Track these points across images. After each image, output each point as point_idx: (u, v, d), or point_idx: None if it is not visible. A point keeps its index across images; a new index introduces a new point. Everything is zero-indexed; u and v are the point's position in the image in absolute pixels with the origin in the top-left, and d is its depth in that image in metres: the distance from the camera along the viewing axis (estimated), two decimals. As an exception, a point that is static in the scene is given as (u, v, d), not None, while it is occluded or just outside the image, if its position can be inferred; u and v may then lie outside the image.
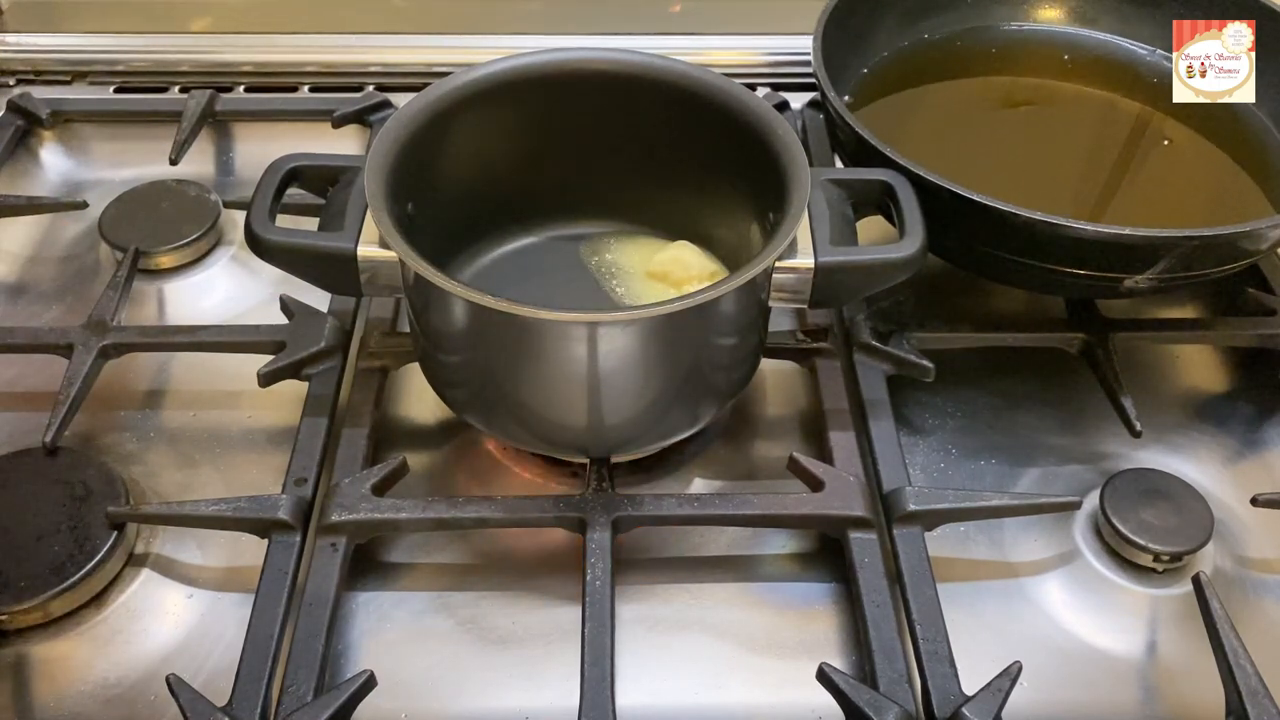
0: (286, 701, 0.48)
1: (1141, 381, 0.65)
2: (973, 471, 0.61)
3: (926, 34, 0.80)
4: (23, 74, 0.85)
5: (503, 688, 0.52)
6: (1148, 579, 0.55)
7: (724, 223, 0.64)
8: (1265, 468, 0.63)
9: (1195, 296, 0.72)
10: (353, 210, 0.54)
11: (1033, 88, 0.79)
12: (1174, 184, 0.72)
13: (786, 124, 0.56)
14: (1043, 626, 0.54)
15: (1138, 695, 0.52)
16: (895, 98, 0.76)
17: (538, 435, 0.58)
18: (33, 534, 0.54)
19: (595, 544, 0.53)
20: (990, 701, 0.48)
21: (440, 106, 0.58)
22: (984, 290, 0.71)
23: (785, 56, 0.86)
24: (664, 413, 0.56)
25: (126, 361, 0.64)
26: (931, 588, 0.52)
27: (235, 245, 0.72)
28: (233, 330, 0.65)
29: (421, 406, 0.64)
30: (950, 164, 0.60)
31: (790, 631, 0.54)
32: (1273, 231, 0.59)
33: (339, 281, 0.55)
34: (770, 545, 0.58)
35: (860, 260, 0.55)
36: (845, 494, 0.55)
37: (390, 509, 0.54)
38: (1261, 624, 0.54)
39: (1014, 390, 0.65)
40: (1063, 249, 0.59)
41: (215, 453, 0.61)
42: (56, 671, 0.52)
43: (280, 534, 0.54)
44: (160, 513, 0.56)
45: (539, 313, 0.49)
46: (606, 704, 0.48)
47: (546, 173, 0.65)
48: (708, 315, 0.52)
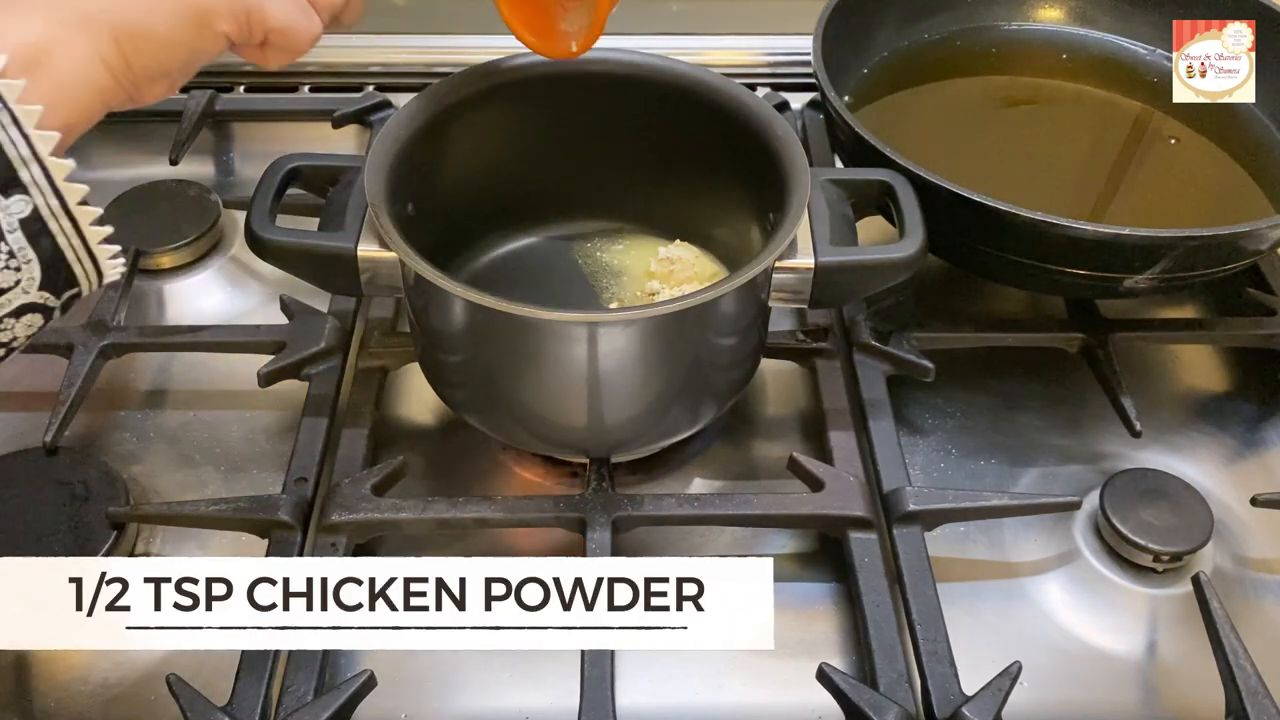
0: (286, 701, 0.48)
1: (1141, 381, 0.65)
2: (973, 471, 0.61)
3: (926, 34, 0.80)
4: (23, 74, 0.85)
5: (503, 688, 0.52)
6: (1148, 579, 0.55)
7: (724, 223, 0.64)
8: (1265, 468, 0.63)
9: (1195, 296, 0.72)
10: (353, 210, 0.54)
11: (1032, 87, 0.79)
12: (1174, 184, 0.72)
13: (786, 124, 0.57)
14: (1043, 626, 0.54)
15: (1138, 695, 0.52)
16: (895, 98, 0.76)
17: (538, 435, 0.58)
18: (33, 534, 0.54)
19: (595, 544, 0.53)
20: (990, 701, 0.48)
21: (440, 106, 0.58)
22: (984, 290, 0.71)
23: (785, 56, 0.85)
24: (664, 413, 0.56)
25: (126, 361, 0.64)
26: (931, 588, 0.52)
27: (235, 245, 0.72)
28: (233, 330, 0.65)
29: (421, 406, 0.64)
30: (950, 164, 0.60)
31: (790, 631, 0.54)
32: (1273, 231, 0.59)
33: (339, 281, 0.55)
34: (770, 545, 0.58)
35: (860, 260, 0.55)
36: (845, 494, 0.55)
37: (390, 509, 0.54)
38: (1261, 624, 0.54)
39: (1014, 390, 0.65)
40: (1063, 249, 0.59)
41: (215, 453, 0.61)
42: (56, 671, 0.52)
43: (280, 534, 0.54)
44: (160, 513, 0.56)
45: (539, 313, 0.49)
46: (606, 704, 0.48)
47: (546, 172, 0.65)
48: (708, 315, 0.52)
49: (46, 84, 0.36)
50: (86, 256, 0.39)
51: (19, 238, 0.36)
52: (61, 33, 0.37)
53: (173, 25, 0.39)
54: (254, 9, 0.41)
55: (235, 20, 0.41)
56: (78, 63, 0.37)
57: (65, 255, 0.38)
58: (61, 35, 0.37)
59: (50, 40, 0.36)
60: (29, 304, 0.38)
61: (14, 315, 0.38)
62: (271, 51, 0.43)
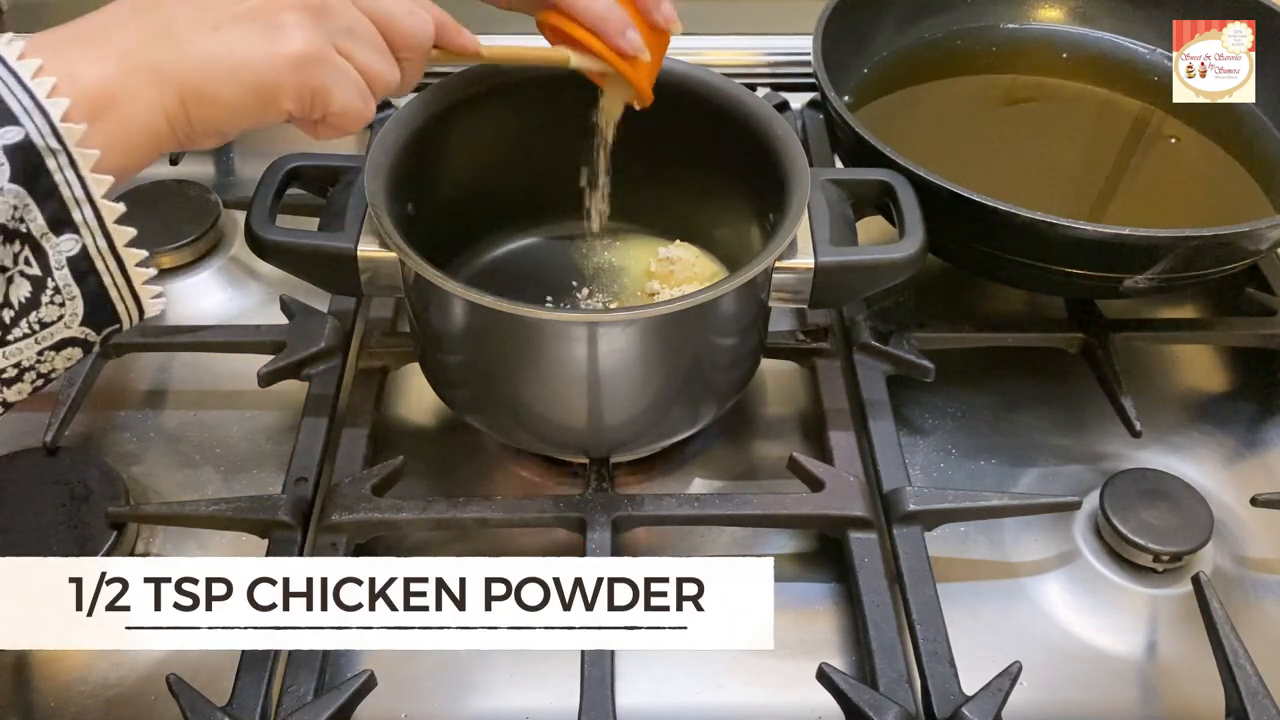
0: (286, 701, 0.48)
1: (1141, 381, 0.65)
2: (973, 471, 0.61)
3: (926, 34, 0.80)
4: (23, 74, 0.84)
5: (503, 688, 0.52)
6: (1148, 579, 0.55)
7: (724, 223, 0.64)
8: (1265, 468, 0.63)
9: (1195, 296, 0.72)
10: (353, 210, 0.54)
11: (1032, 87, 0.79)
12: (1174, 184, 0.72)
13: (786, 124, 0.57)
14: (1043, 626, 0.54)
15: (1138, 695, 0.52)
16: (895, 98, 0.76)
17: (538, 435, 0.58)
18: (33, 534, 0.54)
19: (595, 544, 0.53)
20: (990, 701, 0.48)
21: (440, 106, 0.58)
22: (984, 290, 0.71)
23: (785, 56, 0.85)
24: (664, 413, 0.56)
25: (126, 361, 0.64)
26: (931, 588, 0.53)
27: (235, 245, 0.72)
28: (233, 330, 0.65)
29: (421, 406, 0.64)
30: (950, 164, 0.60)
31: (790, 631, 0.54)
32: (1273, 231, 0.59)
33: (339, 281, 0.55)
34: (770, 545, 0.58)
35: (860, 260, 0.55)
36: (845, 494, 0.55)
37: (390, 509, 0.54)
38: (1261, 624, 0.54)
39: (1014, 390, 0.65)
40: (1063, 249, 0.59)
41: (215, 453, 0.61)
42: (57, 671, 0.52)
43: (280, 534, 0.54)
44: (160, 513, 0.56)
45: (539, 313, 0.49)
46: (606, 704, 0.48)
47: (546, 172, 0.65)
48: (708, 315, 0.52)
49: (108, 130, 0.37)
50: (130, 295, 0.40)
51: (65, 275, 0.38)
52: (130, 81, 0.38)
53: (239, 95, 0.40)
54: (319, 93, 0.41)
55: (300, 101, 0.41)
56: (140, 113, 0.38)
57: (109, 294, 0.39)
58: (129, 84, 0.38)
59: (118, 88, 0.37)
60: (70, 338, 0.39)
61: (55, 348, 0.39)
62: (325, 129, 0.44)
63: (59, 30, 0.39)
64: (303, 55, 0.40)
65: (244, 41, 0.39)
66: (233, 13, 0.39)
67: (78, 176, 0.36)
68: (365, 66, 0.43)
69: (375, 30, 0.43)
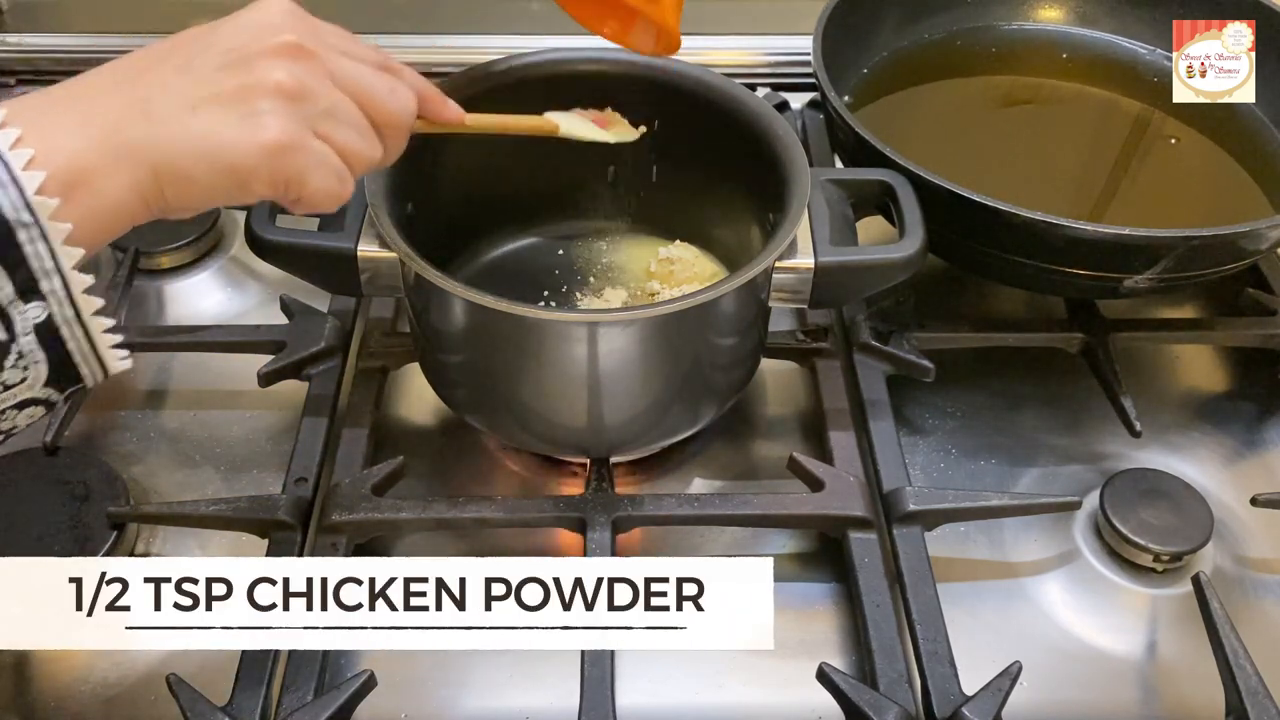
0: (286, 701, 0.48)
1: (1141, 381, 0.65)
2: (973, 471, 0.61)
3: (926, 34, 0.80)
4: (23, 74, 0.84)
5: (503, 688, 0.52)
6: (1148, 579, 0.55)
7: (724, 223, 0.64)
8: (1265, 468, 0.63)
9: (1195, 296, 0.72)
10: (353, 210, 0.54)
11: (1032, 87, 0.79)
12: (1174, 184, 0.72)
13: (786, 124, 0.57)
14: (1043, 626, 0.54)
15: (1138, 695, 0.52)
16: (895, 98, 0.76)
17: (538, 435, 0.58)
18: (33, 534, 0.54)
19: (595, 544, 0.53)
20: (990, 701, 0.48)
21: (440, 106, 0.58)
22: (984, 290, 0.71)
23: (785, 56, 0.85)
24: (664, 413, 0.56)
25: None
26: (931, 588, 0.53)
27: (235, 245, 0.72)
28: (233, 330, 0.65)
29: (421, 406, 0.64)
30: (950, 164, 0.60)
31: (790, 631, 0.54)
32: (1273, 231, 0.59)
33: (339, 281, 0.55)
34: (770, 545, 0.58)
35: (860, 260, 0.55)
36: (845, 494, 0.55)
37: (390, 509, 0.54)
38: (1261, 624, 0.54)
39: (1014, 390, 0.65)
40: (1063, 249, 0.59)
41: (215, 453, 0.61)
42: (57, 671, 0.52)
43: (280, 534, 0.54)
44: (160, 513, 0.56)
45: (539, 313, 0.49)
46: (606, 704, 0.48)
47: (546, 172, 0.65)
48: (708, 315, 0.52)
49: (82, 206, 0.37)
50: (94, 358, 0.40)
51: (31, 340, 0.38)
52: (103, 161, 0.38)
53: (213, 178, 0.40)
54: (294, 179, 0.41)
55: (275, 187, 0.41)
56: (114, 190, 0.38)
57: (74, 358, 0.40)
58: (102, 164, 0.38)
59: (94, 164, 0.38)
60: (33, 399, 0.40)
61: (17, 408, 0.40)
62: (301, 208, 0.44)
63: (41, 95, 0.39)
64: (277, 144, 0.40)
65: (220, 126, 0.39)
66: (213, 93, 0.39)
67: (48, 249, 0.36)
68: (345, 147, 0.42)
69: (356, 109, 0.43)
